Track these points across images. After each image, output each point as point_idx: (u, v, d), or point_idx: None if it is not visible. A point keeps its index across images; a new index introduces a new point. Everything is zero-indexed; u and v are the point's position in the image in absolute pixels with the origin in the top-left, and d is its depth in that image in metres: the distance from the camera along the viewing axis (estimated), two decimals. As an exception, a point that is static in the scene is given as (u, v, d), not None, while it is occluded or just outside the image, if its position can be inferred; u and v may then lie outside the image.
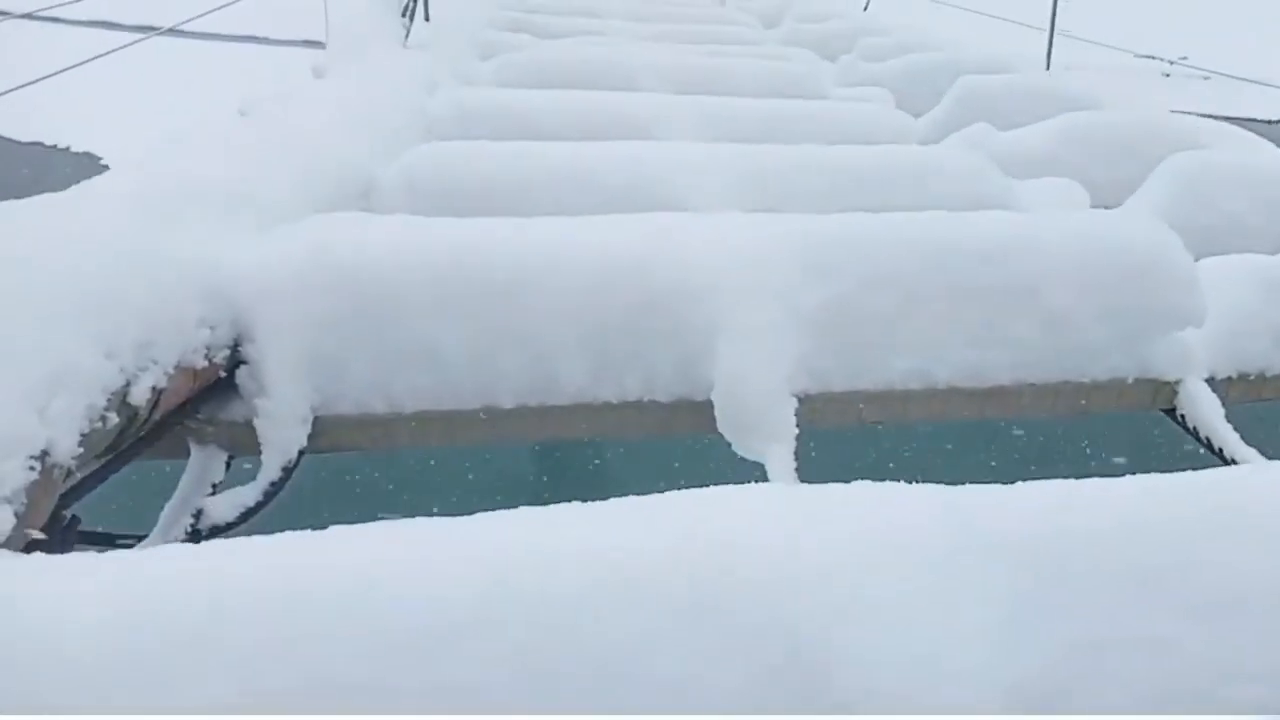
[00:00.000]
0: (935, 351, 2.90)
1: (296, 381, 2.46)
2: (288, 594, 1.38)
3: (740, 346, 2.68)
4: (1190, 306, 3.02)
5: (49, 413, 1.89)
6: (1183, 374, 3.10)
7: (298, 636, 1.35)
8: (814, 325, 2.78)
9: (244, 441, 2.52)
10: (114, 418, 2.06)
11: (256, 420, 2.45)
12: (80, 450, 1.96)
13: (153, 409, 2.21)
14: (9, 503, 1.77)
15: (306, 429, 2.51)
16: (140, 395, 2.14)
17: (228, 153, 3.08)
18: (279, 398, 2.44)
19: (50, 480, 1.90)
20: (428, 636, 1.39)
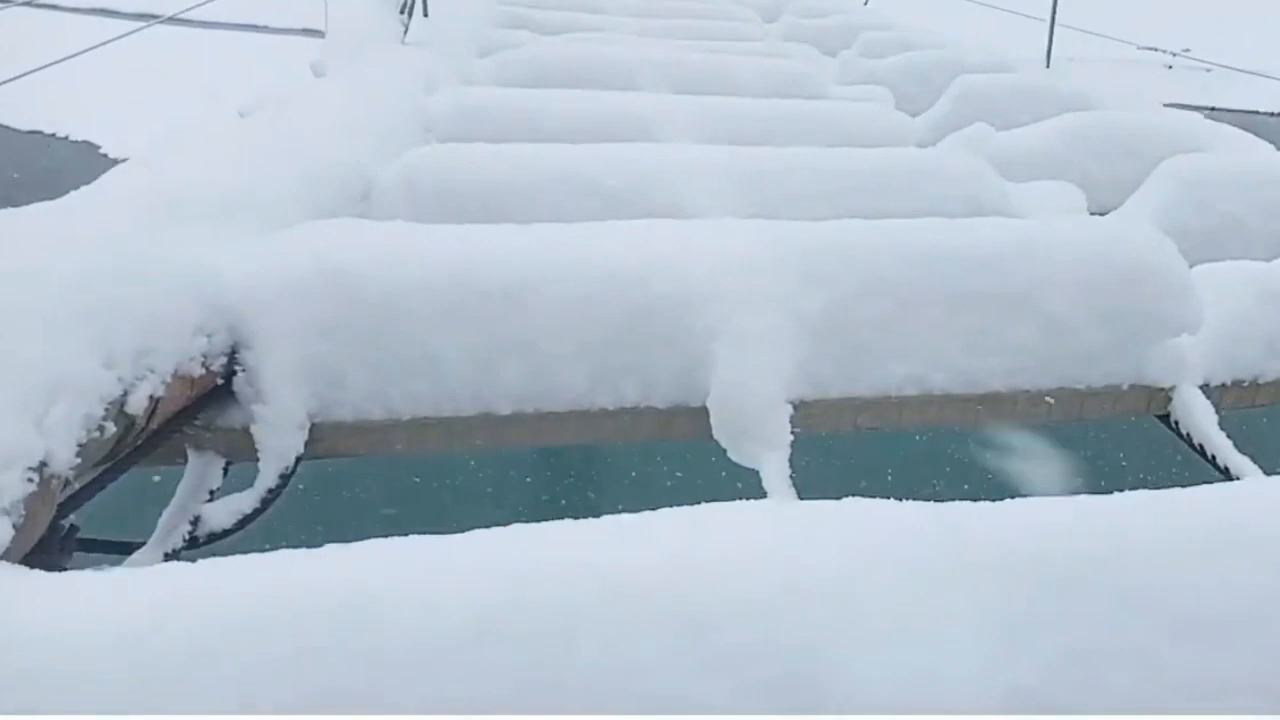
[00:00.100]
0: (931, 358, 2.91)
1: (294, 389, 2.47)
2: (285, 612, 1.40)
3: (736, 354, 2.69)
4: (1186, 314, 3.04)
5: (47, 423, 1.89)
6: (1177, 380, 3.11)
7: (295, 654, 1.36)
8: (810, 332, 2.79)
9: (241, 448, 2.54)
10: (111, 427, 2.07)
11: (254, 427, 2.46)
12: (78, 460, 1.97)
13: (150, 417, 2.22)
14: (7, 514, 1.78)
15: (304, 436, 2.52)
16: (138, 404, 2.14)
17: (226, 157, 3.09)
18: (276, 405, 2.46)
19: (48, 490, 1.91)
20: (424, 653, 1.40)
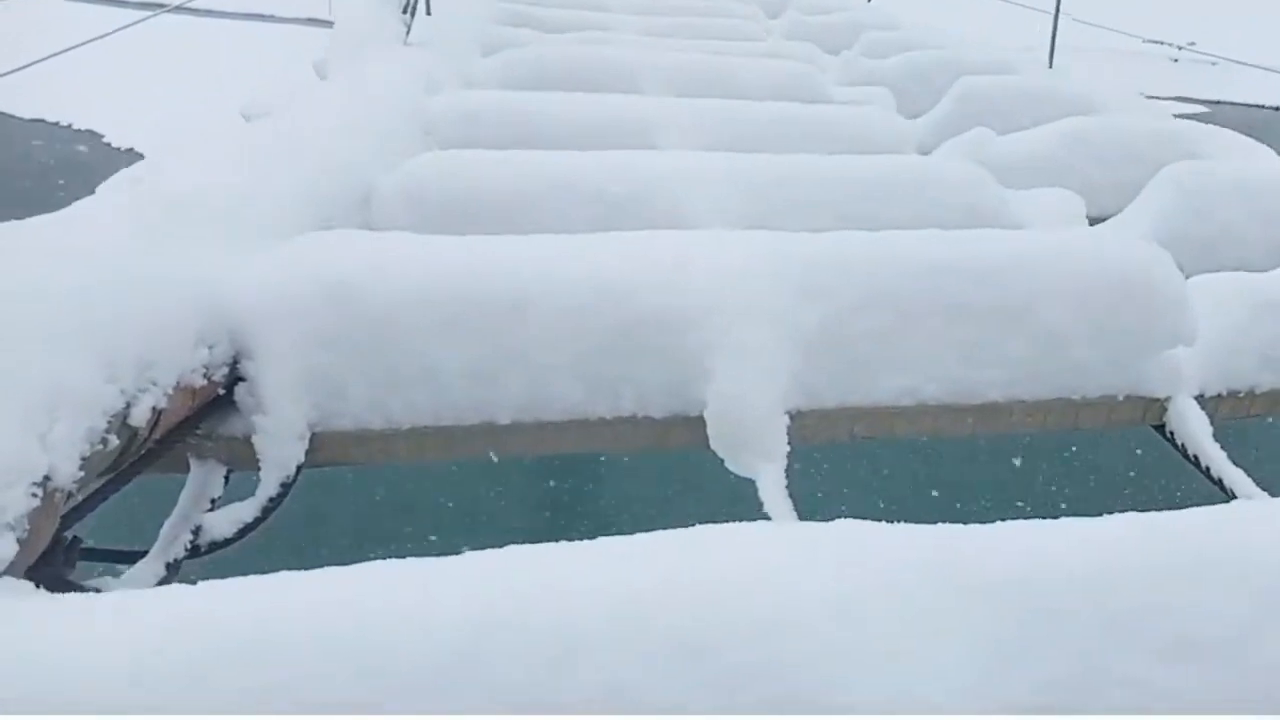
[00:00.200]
0: (928, 369, 2.93)
1: (295, 399, 2.50)
2: (284, 636, 1.42)
3: (733, 366, 2.71)
4: (1181, 326, 3.06)
5: (50, 438, 1.92)
6: (1172, 392, 3.13)
7: (293, 679, 1.39)
8: (807, 344, 2.81)
9: (243, 456, 2.56)
10: (114, 439, 2.09)
11: (255, 437, 2.49)
12: (81, 474, 1.99)
13: (153, 428, 2.24)
14: (11, 530, 1.81)
15: (304, 445, 2.54)
16: (140, 416, 2.17)
17: (228, 165, 3.11)
18: (277, 415, 2.48)
19: (52, 504, 1.93)
20: (421, 676, 1.43)
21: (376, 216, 3.56)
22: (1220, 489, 2.99)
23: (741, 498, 2.80)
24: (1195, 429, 3.08)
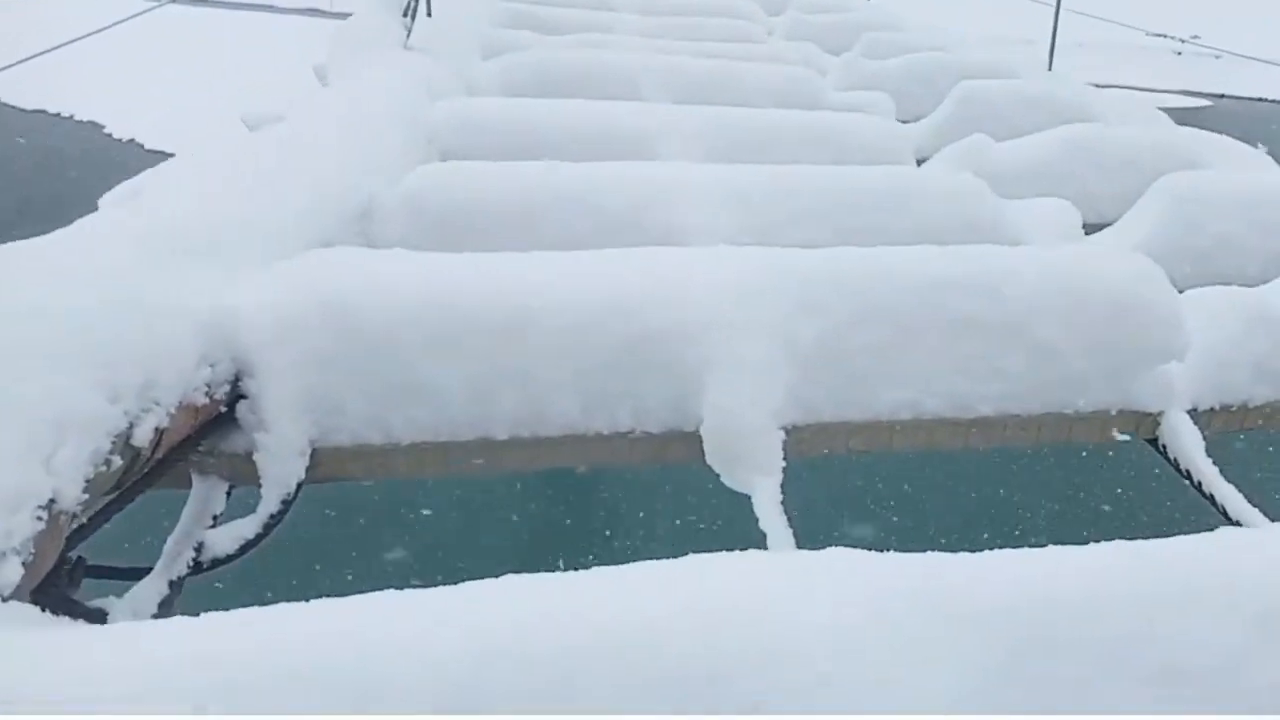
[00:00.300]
0: (924, 384, 2.96)
1: (295, 417, 2.52)
2: (283, 669, 1.44)
3: (730, 382, 2.74)
4: (1174, 342, 3.08)
5: (55, 462, 1.94)
6: (1165, 406, 3.16)
7: (293, 712, 1.41)
8: (804, 359, 2.83)
9: (244, 472, 2.58)
10: (118, 460, 2.12)
11: (256, 455, 2.51)
12: (85, 496, 2.01)
13: (155, 447, 2.26)
14: (17, 554, 1.83)
15: (305, 461, 2.57)
16: (143, 436, 2.19)
17: (228, 182, 3.12)
18: (278, 433, 2.50)
19: (57, 527, 1.96)
20: (421, 707, 1.45)
21: (377, 229, 3.57)
22: (1212, 504, 3.02)
23: (740, 500, 2.83)
24: (1188, 444, 3.11)
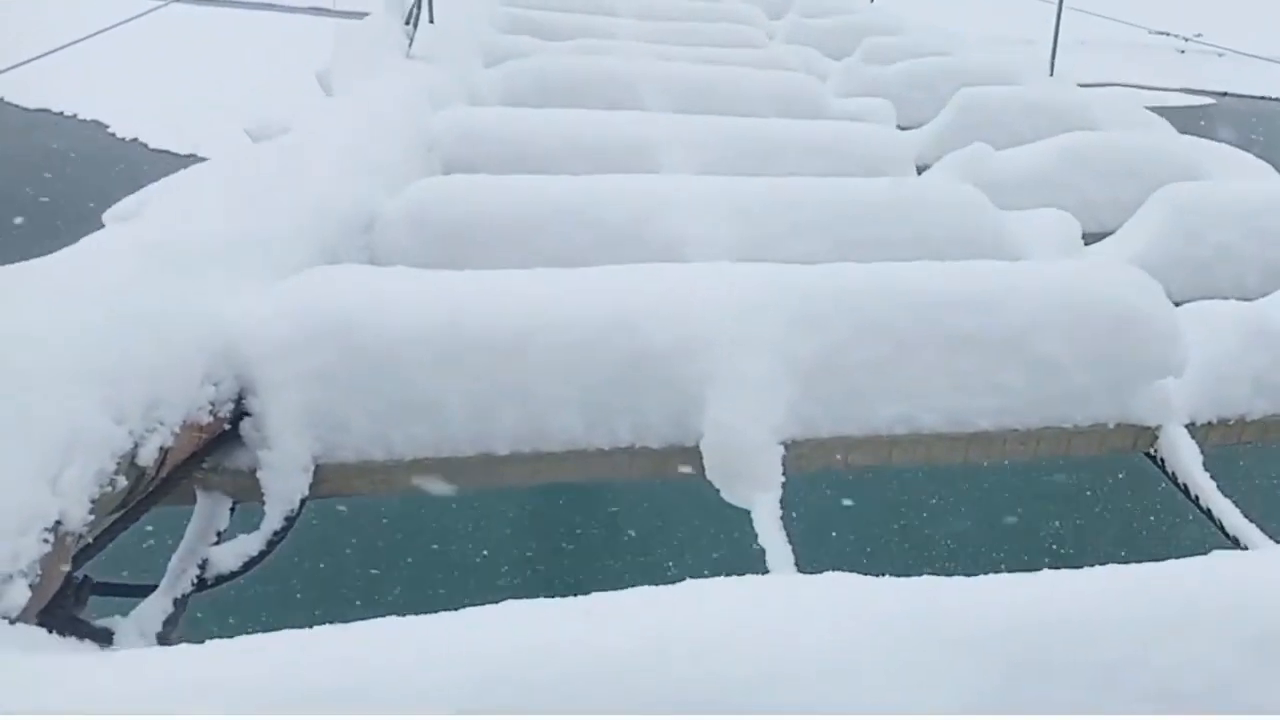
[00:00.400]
0: (922, 399, 2.98)
1: (299, 434, 2.54)
2: (284, 699, 1.46)
3: (729, 399, 2.76)
4: (1171, 358, 3.10)
5: (61, 483, 1.95)
6: (1163, 420, 3.17)
7: None
8: (803, 375, 2.85)
9: (248, 488, 2.60)
10: (123, 480, 2.14)
11: (260, 472, 2.53)
12: (91, 517, 2.03)
13: (160, 466, 2.28)
14: (24, 576, 1.85)
15: (308, 478, 2.59)
16: (148, 455, 2.21)
17: (231, 198, 3.14)
18: (281, 450, 2.52)
19: (63, 548, 1.98)
20: None
21: (380, 242, 3.59)
22: (1209, 519, 3.03)
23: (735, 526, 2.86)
24: (1185, 458, 3.13)
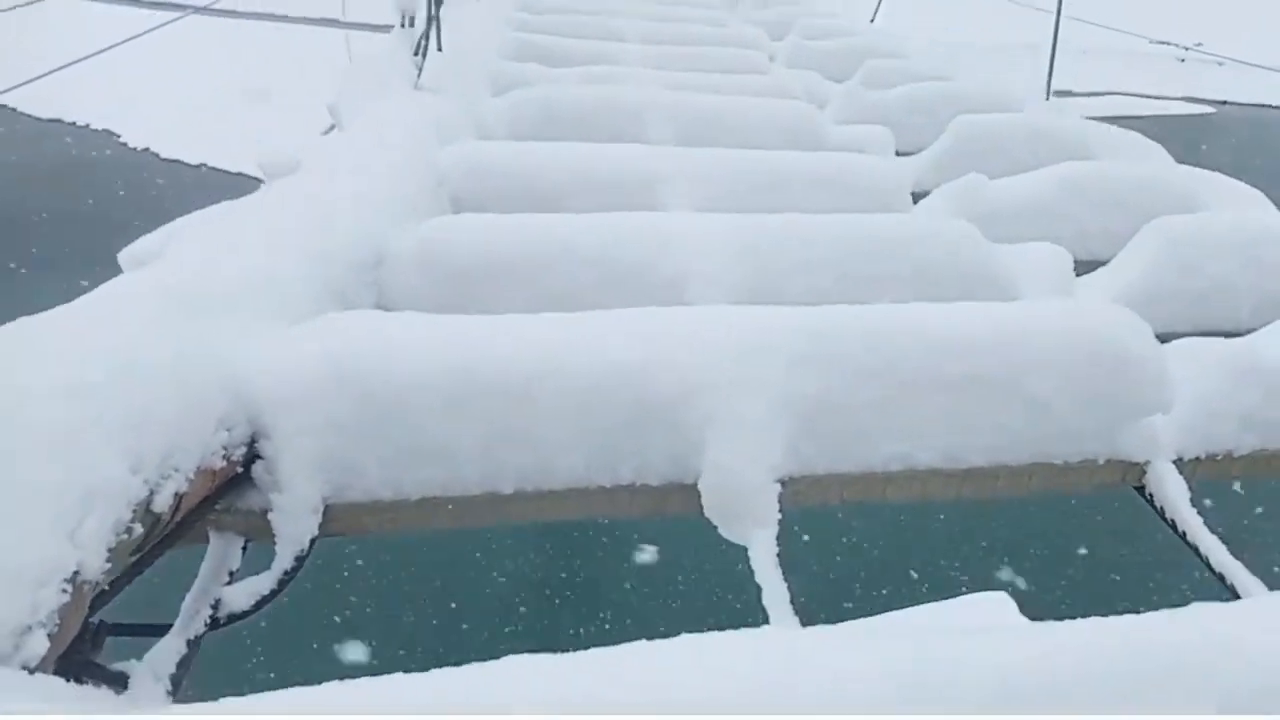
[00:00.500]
0: (917, 438, 3.06)
1: (309, 477, 2.62)
2: None
3: (728, 440, 2.84)
4: (1160, 396, 3.18)
5: (79, 535, 2.02)
6: (1151, 456, 3.25)
7: None
8: (801, 417, 2.94)
9: (260, 529, 2.68)
10: (139, 527, 2.21)
11: (271, 514, 2.61)
12: (108, 565, 2.11)
13: (175, 512, 2.37)
14: (43, 626, 1.92)
15: (318, 519, 2.67)
16: (163, 502, 2.28)
17: (246, 238, 3.24)
18: (292, 493, 2.61)
19: (80, 596, 2.05)
20: None
21: (389, 280, 3.69)
22: (1196, 555, 3.10)
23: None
24: (1173, 493, 3.20)
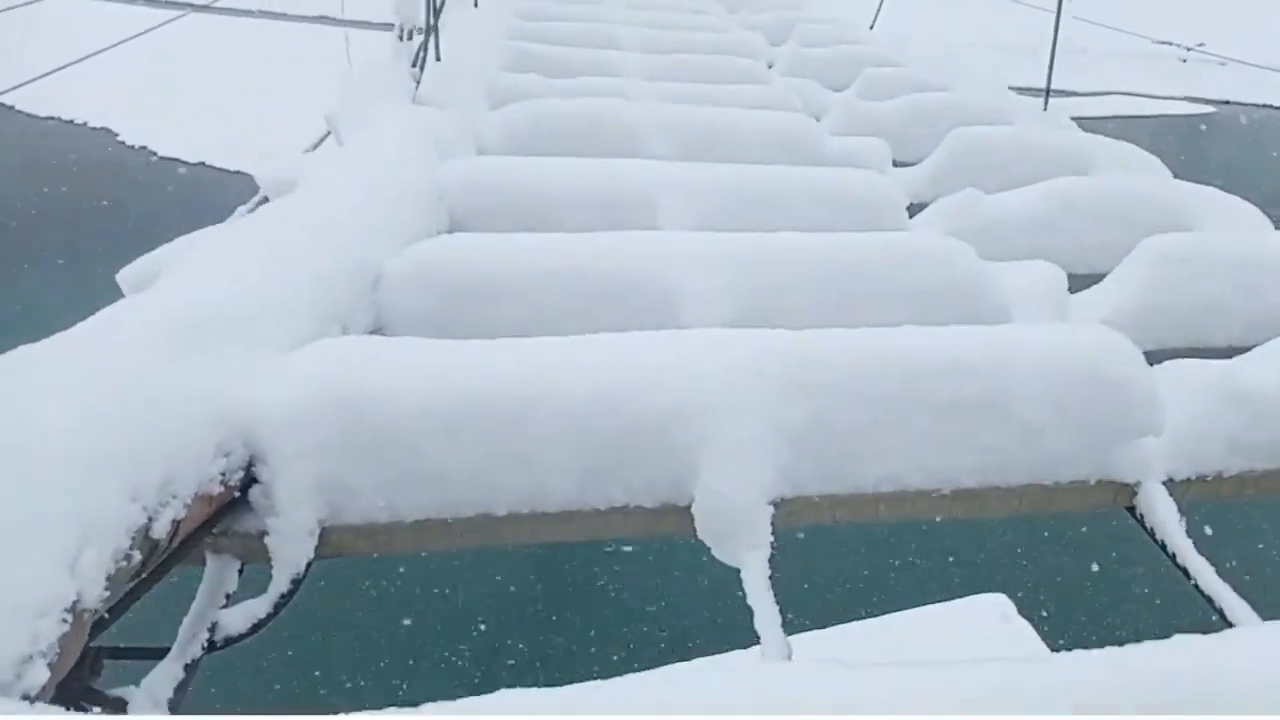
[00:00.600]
0: (908, 459, 3.09)
1: (306, 501, 2.65)
2: None
3: (720, 464, 2.87)
4: (1150, 419, 3.21)
5: (79, 565, 2.04)
6: (1141, 477, 3.27)
7: None
8: (792, 440, 2.97)
9: (257, 550, 2.71)
10: (137, 555, 2.24)
11: (268, 538, 2.64)
12: (107, 594, 2.14)
13: (173, 538, 2.39)
14: (44, 656, 1.95)
15: (314, 542, 2.70)
16: (161, 529, 2.31)
17: (244, 260, 3.26)
18: (289, 518, 2.63)
19: (80, 624, 2.08)
20: None
21: (386, 299, 3.72)
22: (1185, 576, 3.13)
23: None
24: (1163, 515, 3.22)
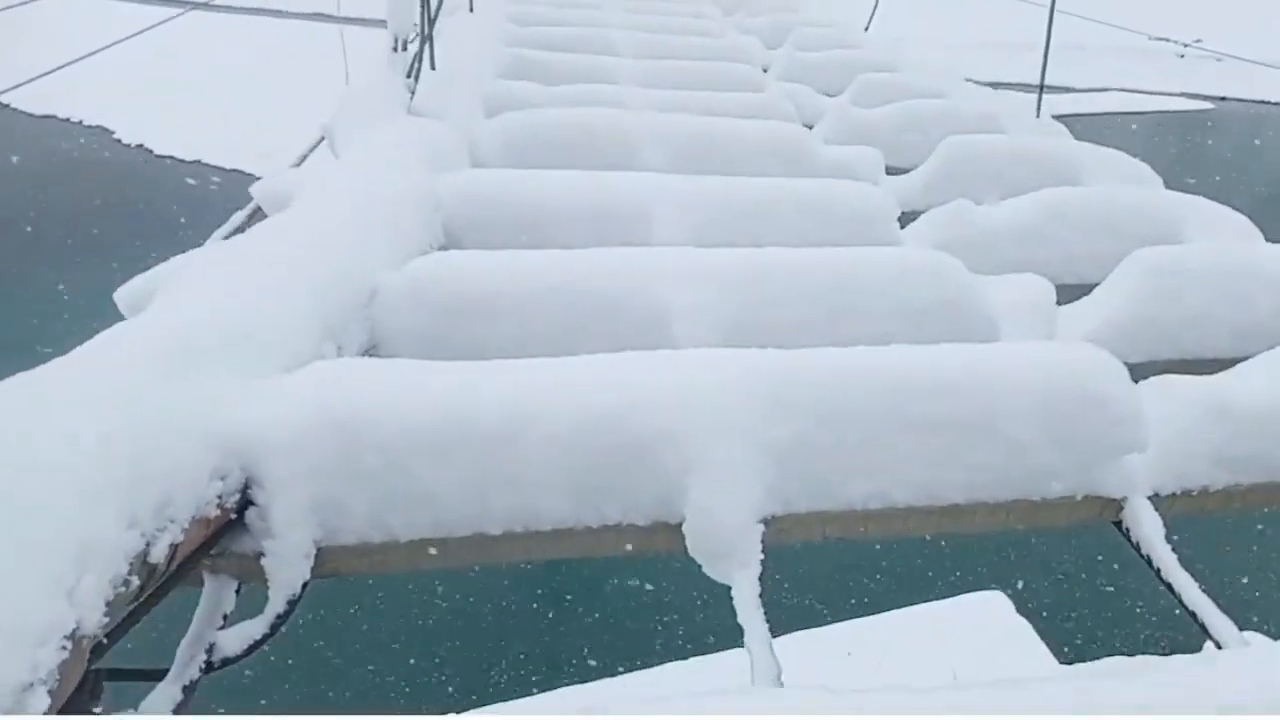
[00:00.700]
0: (895, 476, 3.14)
1: (302, 523, 2.69)
2: None
3: (710, 484, 2.92)
4: (1135, 436, 3.26)
5: (78, 593, 2.07)
6: (1128, 492, 3.32)
7: None
8: (780, 458, 3.02)
9: (253, 571, 2.76)
10: (135, 580, 2.28)
11: (264, 560, 2.69)
12: (106, 619, 2.18)
13: (170, 561, 2.43)
14: (44, 684, 1.98)
15: (310, 563, 2.74)
16: (159, 553, 2.35)
17: (240, 279, 3.30)
18: (285, 539, 2.68)
19: (80, 650, 2.11)
20: None
21: (381, 315, 3.76)
22: (1170, 591, 3.18)
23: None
24: (1149, 530, 3.27)
